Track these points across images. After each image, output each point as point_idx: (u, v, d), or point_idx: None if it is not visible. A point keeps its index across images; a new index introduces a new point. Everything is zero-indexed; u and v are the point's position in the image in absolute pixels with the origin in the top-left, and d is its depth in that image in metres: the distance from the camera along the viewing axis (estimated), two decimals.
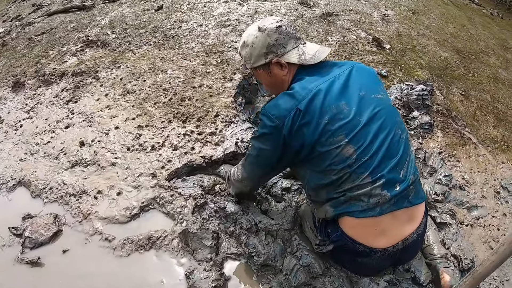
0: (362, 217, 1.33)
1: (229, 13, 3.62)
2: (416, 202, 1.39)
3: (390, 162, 1.32)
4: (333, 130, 1.30)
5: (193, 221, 1.80)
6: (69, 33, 3.68)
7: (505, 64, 4.08)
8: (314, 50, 1.46)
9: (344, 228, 1.40)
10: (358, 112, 1.33)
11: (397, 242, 1.39)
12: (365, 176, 1.30)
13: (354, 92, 1.36)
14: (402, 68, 3.23)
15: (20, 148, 2.44)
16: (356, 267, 1.59)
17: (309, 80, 1.38)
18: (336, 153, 1.30)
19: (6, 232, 1.87)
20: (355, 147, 1.30)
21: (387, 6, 4.48)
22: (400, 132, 1.40)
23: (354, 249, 1.42)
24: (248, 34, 1.48)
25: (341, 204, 1.36)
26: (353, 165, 1.30)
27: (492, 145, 2.79)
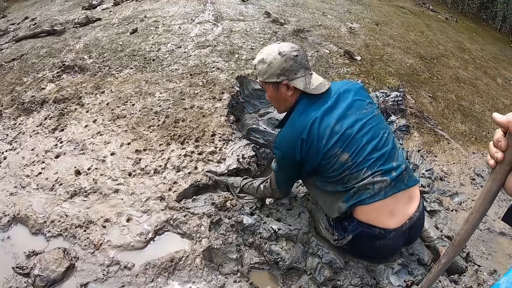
0: (372, 202, 1.59)
1: (206, 34, 3.70)
2: (411, 184, 1.67)
3: (383, 157, 1.62)
4: (329, 147, 1.61)
5: (215, 237, 1.85)
6: (42, 58, 3.57)
7: (464, 64, 4.51)
8: (318, 81, 1.72)
9: (359, 217, 1.64)
10: (349, 126, 1.64)
11: (405, 222, 1.64)
12: (364, 171, 1.59)
13: (343, 112, 1.67)
14: (375, 77, 3.48)
15: (8, 182, 2.34)
16: (375, 252, 1.77)
17: (306, 110, 1.68)
18: (334, 162, 1.61)
19: (10, 273, 1.77)
20: (349, 153, 1.60)
21: (352, 20, 4.79)
22: (386, 133, 1.71)
23: (371, 233, 1.64)
24: (268, 53, 1.70)
25: (352, 197, 1.62)
26: (351, 167, 1.60)
27: (463, 139, 3.15)
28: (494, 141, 0.85)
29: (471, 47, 5.35)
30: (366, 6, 5.61)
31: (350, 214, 1.67)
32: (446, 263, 1.20)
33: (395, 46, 4.35)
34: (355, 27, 4.51)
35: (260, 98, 2.91)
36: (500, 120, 0.80)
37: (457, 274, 1.90)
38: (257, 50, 3.46)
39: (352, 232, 1.67)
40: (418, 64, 4.08)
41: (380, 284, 1.76)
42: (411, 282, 1.76)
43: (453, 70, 4.27)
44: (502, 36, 7.00)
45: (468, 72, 4.39)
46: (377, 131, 1.67)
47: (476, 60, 4.88)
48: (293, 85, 1.69)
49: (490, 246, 2.24)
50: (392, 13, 5.67)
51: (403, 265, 1.83)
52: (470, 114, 3.54)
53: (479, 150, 3.07)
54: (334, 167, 1.61)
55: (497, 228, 2.37)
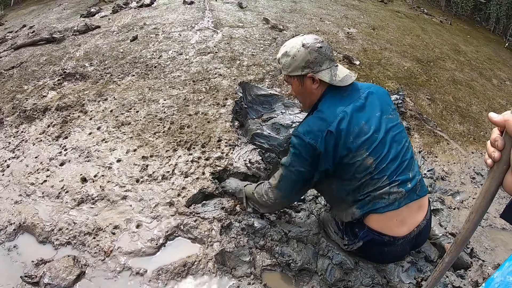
0: (386, 212, 1.59)
1: (206, 41, 3.72)
2: (422, 195, 1.68)
3: (401, 167, 1.61)
4: (356, 147, 1.56)
5: (227, 241, 1.85)
6: (42, 66, 3.56)
7: (460, 66, 4.58)
8: (344, 73, 1.67)
9: (370, 224, 1.64)
10: (376, 129, 1.60)
11: (413, 229, 1.65)
12: (384, 179, 1.57)
13: (372, 113, 1.63)
14: (374, 81, 3.52)
15: (12, 190, 2.33)
16: (383, 257, 1.79)
17: (335, 104, 1.62)
18: (358, 164, 1.56)
19: (18, 282, 1.75)
20: (374, 158, 1.56)
21: (349, 25, 4.85)
22: (407, 142, 1.69)
23: (381, 241, 1.65)
24: (292, 46, 1.67)
25: (366, 204, 1.61)
26: (373, 172, 1.57)
27: (461, 139, 3.21)
28: (491, 141, 0.86)
29: (466, 49, 5.44)
30: (362, 11, 5.68)
31: (361, 221, 1.67)
32: (450, 261, 1.22)
33: (392, 50, 4.41)
34: (352, 32, 4.56)
35: (263, 104, 2.93)
36: (496, 120, 0.81)
37: (463, 269, 1.96)
38: (258, 56, 3.49)
39: (363, 239, 1.68)
40: (415, 67, 4.14)
41: (391, 282, 1.79)
42: (421, 279, 1.80)
43: (450, 72, 4.34)
44: (496, 38, 7.13)
45: (464, 74, 4.46)
46: (400, 139, 1.65)
47: (472, 62, 4.96)
48: (318, 78, 1.64)
49: (493, 241, 2.28)
50: (388, 18, 5.75)
51: (412, 262, 1.86)
52: (467, 115, 3.61)
53: (478, 150, 3.15)
54: (357, 169, 1.57)
55: (498, 224, 2.42)
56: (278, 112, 2.79)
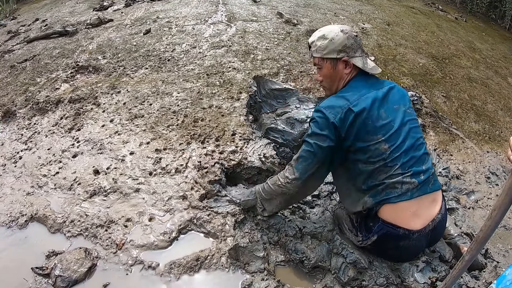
0: (398, 202, 1.58)
1: (220, 35, 3.68)
2: (435, 189, 1.68)
3: (415, 158, 1.63)
4: (374, 130, 1.59)
5: (241, 235, 1.82)
6: (55, 59, 3.56)
7: (475, 64, 4.48)
8: (372, 64, 1.76)
9: (384, 216, 1.62)
10: (393, 119, 1.64)
11: (428, 223, 1.63)
12: (397, 168, 1.58)
13: (391, 104, 1.68)
14: (389, 78, 3.45)
15: (24, 182, 2.32)
16: (398, 253, 1.75)
17: (359, 88, 1.68)
18: (374, 148, 1.58)
19: (30, 274, 1.73)
20: (389, 144, 1.59)
21: (363, 20, 4.77)
22: (421, 138, 1.72)
23: (395, 234, 1.62)
24: (330, 30, 1.72)
25: (379, 193, 1.60)
26: (387, 158, 1.58)
27: (477, 138, 3.13)
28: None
29: (481, 46, 5.32)
30: (376, 7, 5.59)
31: (375, 214, 1.65)
32: (470, 260, 1.20)
33: (407, 46, 4.32)
34: (367, 28, 4.48)
35: (277, 98, 2.88)
36: None
37: (477, 270, 1.91)
38: (272, 50, 3.44)
39: (377, 233, 1.65)
40: (431, 64, 4.06)
41: (405, 282, 1.75)
42: (436, 279, 1.76)
43: (465, 69, 4.24)
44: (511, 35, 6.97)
45: (479, 71, 4.36)
46: (415, 133, 1.69)
47: (487, 60, 4.85)
48: (352, 62, 1.69)
49: (507, 243, 2.22)
50: (403, 13, 5.65)
51: (427, 262, 1.82)
52: (483, 114, 3.53)
53: (493, 149, 3.07)
54: (372, 153, 1.58)
55: None
56: (292, 107, 2.73)
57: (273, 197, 1.80)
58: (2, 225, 2.02)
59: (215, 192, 2.04)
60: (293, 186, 1.71)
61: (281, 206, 1.84)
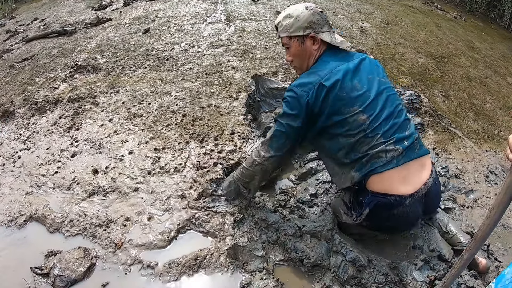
0: (384, 171, 1.58)
1: (219, 34, 3.68)
2: (422, 154, 1.68)
3: (396, 125, 1.63)
4: (349, 101, 1.59)
5: (240, 235, 1.81)
6: (54, 58, 3.56)
7: (474, 63, 4.49)
8: (340, 39, 1.76)
9: (372, 188, 1.62)
10: (368, 89, 1.64)
11: (420, 187, 1.62)
12: (379, 137, 1.58)
13: (363, 75, 1.68)
14: (388, 77, 3.43)
15: (23, 181, 2.31)
16: (395, 222, 1.72)
17: (330, 63, 1.68)
18: (352, 120, 1.58)
19: (29, 274, 1.73)
20: (367, 115, 1.59)
21: (362, 19, 4.77)
22: (400, 105, 1.72)
23: (387, 202, 1.61)
24: (294, 9, 1.72)
25: (364, 166, 1.60)
26: (367, 129, 1.58)
27: (476, 137, 3.13)
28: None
29: (480, 46, 5.32)
30: (375, 6, 5.60)
31: (364, 187, 1.65)
32: (469, 258, 1.20)
33: (406, 45, 4.33)
34: (366, 27, 4.48)
35: (276, 97, 2.88)
36: None
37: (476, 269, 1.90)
38: (271, 49, 3.44)
39: (368, 205, 1.65)
40: (430, 63, 4.06)
41: (404, 280, 1.75)
42: (434, 277, 1.77)
43: (464, 69, 4.24)
44: (510, 35, 6.97)
45: (478, 71, 4.36)
46: (393, 100, 1.69)
47: (486, 59, 4.85)
48: (320, 38, 1.69)
49: (506, 242, 2.22)
50: (402, 13, 5.65)
51: (425, 261, 1.83)
52: (482, 113, 3.52)
53: (492, 148, 3.06)
54: (351, 126, 1.59)
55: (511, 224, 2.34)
56: None
57: (254, 177, 1.84)
58: (1, 224, 2.01)
59: (211, 191, 2.04)
60: (270, 163, 1.76)
61: (262, 180, 1.90)
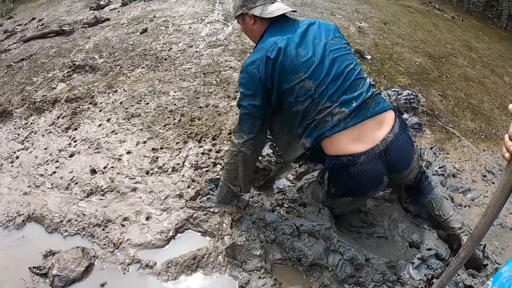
0: (332, 134, 1.61)
1: (216, 34, 3.69)
2: (379, 111, 1.66)
3: (343, 87, 1.63)
4: (294, 69, 1.62)
5: (238, 234, 1.82)
6: (52, 58, 3.56)
7: (472, 63, 4.49)
8: (275, 7, 1.74)
9: (328, 151, 1.67)
10: (313, 54, 1.65)
11: (376, 144, 1.61)
12: (324, 101, 1.61)
13: (309, 41, 1.69)
14: (386, 76, 3.46)
15: (21, 181, 2.32)
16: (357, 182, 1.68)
17: (273, 35, 1.70)
18: (299, 87, 1.62)
19: (27, 273, 1.73)
20: (313, 81, 1.61)
21: (360, 19, 4.78)
22: (352, 64, 1.69)
23: (341, 163, 1.64)
24: None
25: (314, 131, 1.65)
26: (314, 94, 1.61)
27: (473, 137, 3.14)
28: (510, 134, 0.84)
29: (478, 45, 5.33)
30: (373, 6, 5.60)
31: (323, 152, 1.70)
32: (465, 257, 1.20)
33: (403, 45, 4.33)
34: (363, 27, 4.49)
35: None
36: None
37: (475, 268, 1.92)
38: None
39: (328, 169, 1.71)
40: (427, 63, 4.07)
41: (401, 279, 1.76)
42: (431, 276, 1.78)
43: (461, 68, 4.25)
44: (508, 35, 6.98)
45: (476, 70, 4.37)
46: (341, 62, 1.67)
47: (483, 59, 4.86)
48: (251, 13, 1.74)
49: (503, 241, 2.24)
50: (399, 12, 5.66)
51: (422, 259, 1.84)
52: (479, 112, 3.53)
53: (489, 148, 3.07)
54: (298, 93, 1.62)
55: (509, 223, 2.36)
56: None
57: (238, 171, 1.84)
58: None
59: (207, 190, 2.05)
60: (247, 147, 1.76)
61: (247, 172, 1.87)
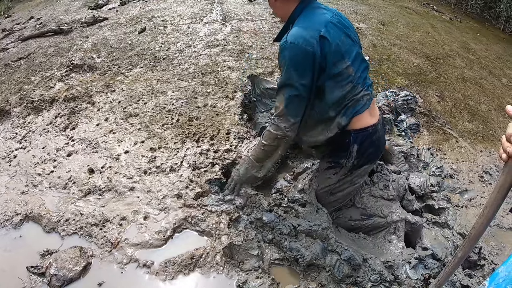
0: (364, 111, 1.79)
1: (215, 34, 3.69)
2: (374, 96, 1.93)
3: (366, 73, 1.83)
4: (342, 55, 1.66)
5: (235, 234, 1.82)
6: (50, 57, 3.55)
7: (469, 64, 4.51)
8: None
9: (353, 127, 1.80)
10: (350, 43, 1.73)
11: (378, 118, 1.88)
12: (359, 86, 1.76)
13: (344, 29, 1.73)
14: (383, 77, 3.47)
15: (19, 180, 2.31)
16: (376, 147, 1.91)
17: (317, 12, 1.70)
18: (344, 72, 1.68)
19: (25, 273, 1.74)
20: (353, 68, 1.71)
21: (358, 20, 4.79)
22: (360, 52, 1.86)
23: (368, 134, 1.82)
24: None
25: (349, 110, 1.76)
26: (353, 80, 1.72)
27: (470, 137, 3.15)
28: (507, 136, 0.84)
29: (475, 47, 5.35)
30: (371, 7, 5.62)
31: (345, 131, 1.80)
32: (462, 257, 1.21)
33: (401, 46, 4.35)
34: (362, 27, 4.51)
35: (271, 97, 2.88)
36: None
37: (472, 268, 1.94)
38: (267, 49, 3.46)
39: (356, 142, 1.80)
40: (425, 64, 4.09)
41: (398, 279, 1.78)
42: (428, 276, 1.80)
43: (459, 70, 4.27)
44: (506, 36, 7.00)
45: (473, 72, 4.39)
46: (362, 54, 1.84)
47: (481, 60, 4.88)
48: None
49: (500, 241, 2.25)
50: (398, 14, 5.67)
51: (420, 259, 1.85)
52: (477, 113, 3.55)
53: (487, 149, 3.08)
54: (343, 77, 1.67)
55: (506, 224, 2.37)
56: None
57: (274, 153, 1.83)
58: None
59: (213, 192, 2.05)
60: (293, 131, 1.73)
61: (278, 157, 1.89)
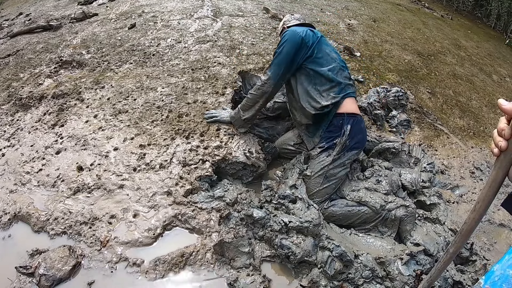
0: (353, 96, 2.18)
1: (205, 29, 3.66)
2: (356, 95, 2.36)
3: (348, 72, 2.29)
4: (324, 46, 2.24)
5: (226, 231, 1.81)
6: (39, 54, 3.50)
7: (460, 61, 4.54)
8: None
9: (346, 110, 2.10)
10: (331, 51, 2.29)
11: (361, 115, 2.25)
12: (345, 70, 2.25)
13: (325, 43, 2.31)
14: (375, 73, 3.47)
15: (7, 179, 2.28)
16: (363, 134, 2.20)
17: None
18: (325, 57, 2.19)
19: (13, 273, 1.72)
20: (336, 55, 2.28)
21: (350, 16, 4.79)
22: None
23: (357, 120, 2.13)
24: None
25: (342, 90, 2.12)
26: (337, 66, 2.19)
27: (461, 134, 3.17)
28: (498, 130, 0.84)
29: (466, 44, 5.39)
30: (363, 3, 5.62)
31: (336, 114, 2.10)
32: (454, 252, 1.21)
33: (393, 42, 4.36)
34: (353, 24, 4.50)
35: None
36: (505, 107, 0.79)
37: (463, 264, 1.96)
38: (258, 45, 3.44)
39: (349, 123, 2.07)
40: (416, 60, 4.10)
41: (390, 275, 1.79)
42: (420, 272, 1.81)
43: (450, 66, 4.30)
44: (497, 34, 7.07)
45: (464, 68, 4.42)
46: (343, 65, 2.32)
47: (472, 57, 4.92)
48: None
49: (491, 237, 2.27)
50: (389, 10, 5.69)
51: (411, 255, 1.86)
52: (467, 110, 3.57)
53: (478, 145, 3.11)
54: (326, 58, 2.17)
55: (497, 219, 2.40)
56: None
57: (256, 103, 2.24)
58: None
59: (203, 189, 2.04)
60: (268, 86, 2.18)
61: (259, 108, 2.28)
